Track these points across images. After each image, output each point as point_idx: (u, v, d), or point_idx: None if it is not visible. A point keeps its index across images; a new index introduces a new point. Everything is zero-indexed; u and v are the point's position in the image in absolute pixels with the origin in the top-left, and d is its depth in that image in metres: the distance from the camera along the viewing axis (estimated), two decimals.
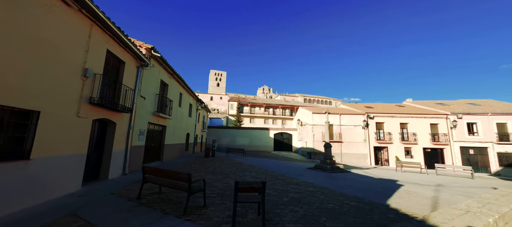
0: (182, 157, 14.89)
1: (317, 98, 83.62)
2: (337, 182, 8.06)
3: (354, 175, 10.47)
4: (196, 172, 8.78)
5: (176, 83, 13.07)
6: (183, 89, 14.58)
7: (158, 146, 11.33)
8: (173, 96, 12.59)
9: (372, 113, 22.91)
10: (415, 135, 22.10)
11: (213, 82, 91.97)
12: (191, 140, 17.84)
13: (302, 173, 9.91)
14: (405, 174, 12.86)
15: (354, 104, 27.32)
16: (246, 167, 11.27)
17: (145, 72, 8.89)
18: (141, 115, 8.71)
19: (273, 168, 11.29)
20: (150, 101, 9.50)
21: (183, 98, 14.80)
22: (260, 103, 45.57)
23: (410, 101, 28.40)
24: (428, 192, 7.04)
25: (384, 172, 13.89)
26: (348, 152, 22.49)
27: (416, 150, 21.93)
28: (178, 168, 9.65)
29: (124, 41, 6.77)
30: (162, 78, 10.77)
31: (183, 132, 15.44)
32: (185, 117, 15.61)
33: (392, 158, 21.88)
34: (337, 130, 22.84)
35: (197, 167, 10.31)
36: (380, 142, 22.25)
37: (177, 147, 13.91)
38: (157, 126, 10.87)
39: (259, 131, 30.02)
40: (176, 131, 13.49)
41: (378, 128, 22.96)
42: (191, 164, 11.31)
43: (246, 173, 9.20)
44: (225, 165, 11.70)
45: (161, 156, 11.48)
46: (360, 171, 12.96)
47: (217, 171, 9.44)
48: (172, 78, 12.19)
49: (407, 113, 22.86)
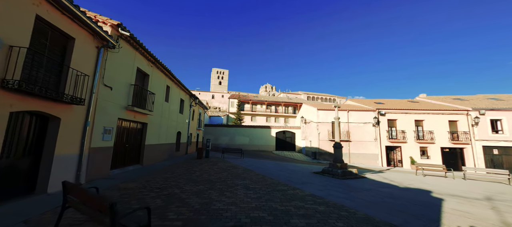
0: (171, 158, 13.18)
1: (321, 96, 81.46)
2: (355, 194, 6.19)
3: (372, 182, 8.57)
4: (175, 180, 7.03)
5: (161, 74, 11.32)
6: (171, 82, 12.83)
7: (137, 147, 9.61)
8: (157, 89, 10.85)
9: (384, 109, 20.84)
10: (431, 133, 19.96)
11: (215, 80, 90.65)
12: (183, 139, 16.14)
13: (308, 180, 8.06)
14: (429, 180, 10.90)
15: (363, 100, 25.23)
16: (240, 171, 9.48)
17: (112, 56, 7.14)
18: (106, 108, 6.97)
19: (273, 173, 9.47)
20: (120, 92, 7.76)
21: (171, 92, 13.07)
22: (262, 101, 43.71)
23: (423, 97, 26.16)
24: (485, 212, 5.13)
25: (403, 176, 11.94)
26: (357, 152, 20.50)
27: (433, 150, 19.81)
28: (157, 174, 7.91)
29: (67, 8, 5.00)
30: (140, 66, 9.02)
31: (173, 131, 13.73)
32: (174, 114, 13.88)
33: (406, 159, 19.82)
34: (345, 128, 20.86)
35: (181, 172, 8.56)
36: (392, 141, 20.19)
37: (164, 148, 12.20)
38: (134, 122, 9.15)
39: (260, 130, 28.19)
40: (162, 129, 11.77)
41: (390, 125, 20.88)
42: (176, 168, 9.57)
43: (238, 181, 7.40)
44: (216, 169, 9.93)
45: (140, 159, 9.77)
46: (376, 176, 11.04)
47: (203, 178, 7.66)
48: (155, 67, 10.43)
49: (423, 109, 20.71)
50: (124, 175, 7.50)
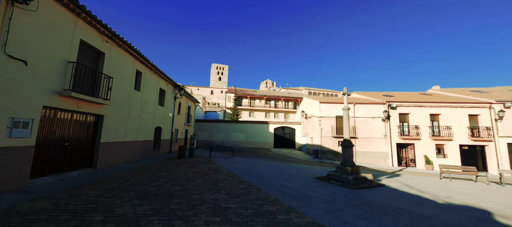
0: (146, 158, 11.06)
1: (323, 91, 79.04)
2: (384, 222, 4.00)
3: (396, 194, 6.35)
4: (117, 193, 4.88)
5: (126, 56, 9.09)
6: (143, 67, 10.61)
7: (88, 146, 7.46)
8: (120, 73, 8.64)
9: (395, 102, 18.51)
10: (449, 129, 17.65)
11: (214, 76, 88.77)
12: (165, 135, 13.99)
13: (309, 192, 5.88)
14: (460, 186, 8.68)
15: (370, 93, 22.89)
16: (221, 177, 7.33)
17: (30, 18, 4.93)
18: (14, 91, 4.79)
19: (263, 179, 7.31)
20: (48, 71, 5.57)
21: (144, 79, 10.87)
22: (260, 96, 41.42)
23: (437, 89, 23.75)
24: None
25: (425, 180, 9.73)
26: (364, 150, 18.27)
27: (450, 148, 17.53)
28: (99, 184, 5.75)
29: None
30: (86, 39, 6.80)
31: (149, 125, 11.58)
32: (150, 105, 11.71)
33: (420, 158, 17.58)
34: (351, 123, 18.58)
35: (139, 179, 6.41)
36: (404, 138, 17.92)
37: (134, 146, 10.06)
38: (79, 114, 6.97)
39: (257, 125, 25.99)
40: (130, 123, 9.62)
41: (402, 120, 18.58)
42: (139, 173, 7.42)
43: (209, 194, 5.24)
44: (192, 173, 7.78)
45: (94, 161, 7.63)
46: (395, 182, 8.83)
47: (164, 189, 5.51)
48: (115, 45, 8.21)
49: (440, 101, 18.35)
50: (54, 186, 5.37)
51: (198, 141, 24.73)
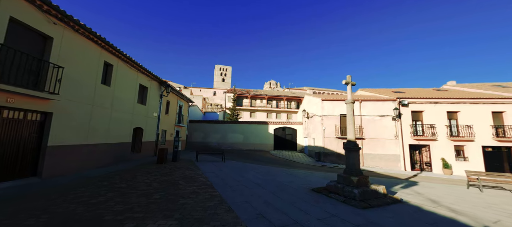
0: (119, 163, 9.68)
1: (327, 91, 76.84)
2: None
3: (422, 218, 4.62)
4: (38, 214, 3.44)
5: (88, 43, 7.72)
6: (113, 58, 9.25)
7: (30, 150, 6.09)
8: (78, 63, 7.28)
9: (406, 98, 16.59)
10: (470, 128, 15.59)
11: (218, 77, 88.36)
12: (148, 137, 12.63)
13: (297, 216, 4.26)
14: (502, 200, 6.85)
15: (378, 90, 20.97)
16: (192, 189, 5.82)
17: None
18: None
19: (243, 194, 5.75)
20: None
21: (117, 73, 9.52)
22: (261, 95, 39.85)
23: (453, 84, 21.59)
24: None
25: (450, 191, 7.93)
26: (372, 152, 16.41)
27: (472, 149, 15.45)
28: (39, 196, 4.34)
29: None
30: (17, 16, 5.44)
31: (125, 125, 10.22)
32: (127, 103, 10.35)
33: (437, 161, 15.58)
34: (357, 123, 16.78)
35: (83, 193, 4.97)
36: (418, 139, 15.96)
37: (102, 149, 8.69)
38: (13, 111, 5.60)
39: (255, 126, 24.42)
40: (96, 123, 8.25)
41: (415, 118, 16.63)
42: (93, 184, 5.99)
43: (150, 222, 3.74)
44: (157, 183, 6.31)
45: (39, 168, 6.25)
46: (414, 194, 7.08)
47: (98, 211, 4.04)
48: (68, 29, 6.84)
49: (458, 97, 16.31)
50: None
51: (193, 143, 23.41)
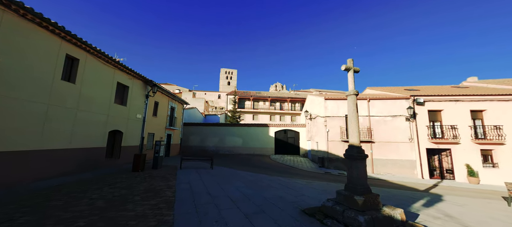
0: (92, 170, 8.48)
1: (333, 93, 74.44)
2: None
3: None
4: None
5: (42, 32, 6.61)
6: (81, 52, 8.14)
7: None
8: (22, 54, 6.15)
9: (422, 96, 14.66)
10: (499, 129, 13.45)
11: (223, 81, 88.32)
12: (130, 141, 11.46)
13: None
14: None
15: (389, 88, 19.05)
16: (141, 210, 4.47)
17: None
18: None
19: (206, 219, 4.31)
20: None
21: (85, 69, 8.39)
22: (264, 97, 38.40)
23: (474, 81, 19.32)
24: None
25: (487, 208, 6.14)
26: (383, 157, 14.53)
27: (502, 154, 13.28)
28: None
29: None
30: None
31: (96, 128, 9.06)
32: (100, 103, 9.21)
33: (460, 167, 13.50)
34: (365, 123, 14.99)
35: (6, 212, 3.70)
36: (436, 142, 13.96)
37: (65, 155, 7.52)
38: None
39: (255, 129, 22.95)
40: (51, 125, 7.10)
41: (432, 118, 14.65)
42: (9, 205, 4.74)
43: None
44: (103, 202, 4.98)
45: None
46: (442, 218, 5.39)
47: None
48: (7, 12, 5.74)
49: (483, 94, 14.23)
50: None
51: (190, 147, 22.24)
